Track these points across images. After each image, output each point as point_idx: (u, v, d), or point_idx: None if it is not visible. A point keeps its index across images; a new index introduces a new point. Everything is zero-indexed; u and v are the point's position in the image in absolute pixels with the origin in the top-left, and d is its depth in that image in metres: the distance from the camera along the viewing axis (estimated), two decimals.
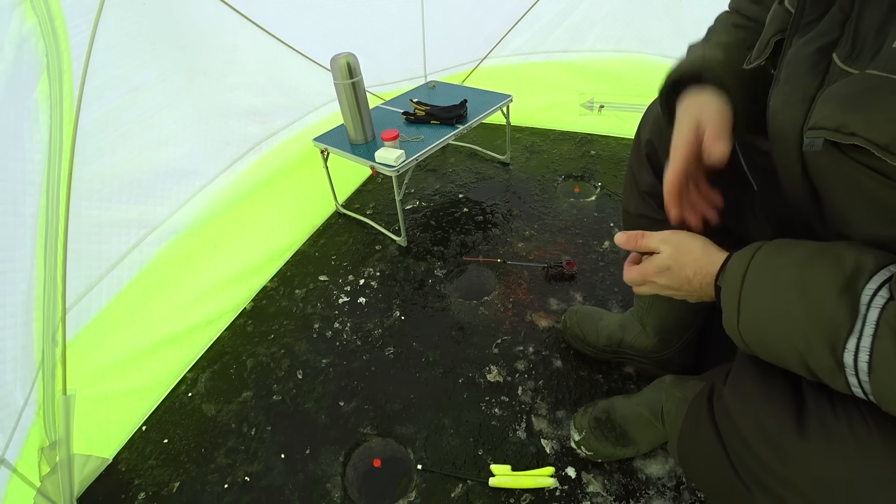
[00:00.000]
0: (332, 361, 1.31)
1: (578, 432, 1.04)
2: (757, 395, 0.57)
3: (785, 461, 0.52)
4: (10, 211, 0.93)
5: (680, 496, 0.96)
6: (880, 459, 0.47)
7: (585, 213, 1.75)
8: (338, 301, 1.50)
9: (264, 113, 1.62)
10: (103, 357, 1.14)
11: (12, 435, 0.92)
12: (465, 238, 1.70)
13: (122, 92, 1.15)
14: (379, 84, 2.11)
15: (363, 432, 1.13)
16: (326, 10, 1.73)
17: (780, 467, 0.52)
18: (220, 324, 1.44)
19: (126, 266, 1.19)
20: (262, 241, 1.60)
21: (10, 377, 0.92)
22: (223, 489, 1.05)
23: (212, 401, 1.24)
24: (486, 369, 1.24)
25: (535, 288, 1.46)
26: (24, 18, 0.94)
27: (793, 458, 0.52)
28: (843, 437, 0.49)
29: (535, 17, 2.08)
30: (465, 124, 1.65)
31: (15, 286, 0.94)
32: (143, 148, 1.22)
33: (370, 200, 1.98)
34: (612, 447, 0.99)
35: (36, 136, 0.97)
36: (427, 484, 1.02)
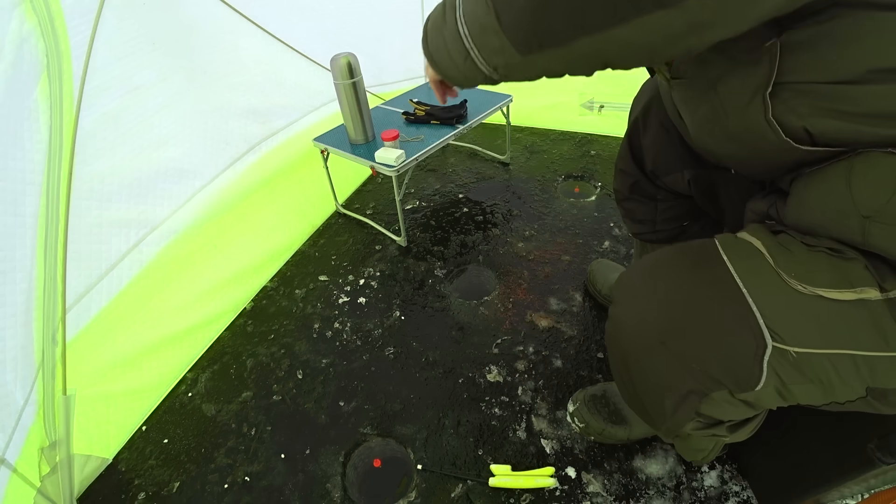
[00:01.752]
0: (332, 361, 1.31)
1: (573, 403, 1.09)
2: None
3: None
4: (10, 211, 0.93)
5: (680, 496, 0.96)
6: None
7: (585, 213, 1.75)
8: (338, 301, 1.50)
9: (264, 113, 1.62)
10: (103, 357, 1.14)
11: (12, 435, 0.92)
12: (465, 238, 1.70)
13: (122, 92, 1.15)
14: (379, 84, 2.11)
15: (363, 432, 1.13)
16: (326, 10, 1.72)
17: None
18: (220, 324, 1.44)
19: (126, 266, 1.19)
20: (262, 241, 1.60)
21: (10, 377, 0.92)
22: (223, 489, 1.05)
23: (212, 401, 1.24)
24: (486, 369, 1.24)
25: (535, 288, 1.46)
26: (24, 18, 0.94)
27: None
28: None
29: None
30: (465, 124, 1.65)
31: (15, 286, 0.93)
32: (143, 148, 1.22)
33: (370, 200, 1.98)
34: (604, 422, 1.02)
35: (36, 136, 0.97)
36: (427, 484, 1.02)
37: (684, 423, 0.64)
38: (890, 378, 0.53)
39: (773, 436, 0.88)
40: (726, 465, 1.00)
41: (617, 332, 0.68)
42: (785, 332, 0.54)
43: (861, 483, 0.70)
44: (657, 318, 0.62)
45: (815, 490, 0.77)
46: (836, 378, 0.54)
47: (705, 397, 0.60)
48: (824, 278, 0.52)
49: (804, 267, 0.54)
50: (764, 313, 0.54)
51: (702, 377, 0.59)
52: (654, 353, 0.62)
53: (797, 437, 0.82)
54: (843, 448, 0.71)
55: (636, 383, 0.68)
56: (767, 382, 0.55)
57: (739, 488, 0.96)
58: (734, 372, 0.57)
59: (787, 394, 0.57)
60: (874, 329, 0.51)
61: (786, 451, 0.85)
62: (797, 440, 0.82)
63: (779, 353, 0.54)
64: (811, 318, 0.53)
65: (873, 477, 0.68)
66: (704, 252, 0.61)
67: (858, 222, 0.50)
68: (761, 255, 0.57)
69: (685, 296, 0.60)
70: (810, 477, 0.78)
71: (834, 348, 0.53)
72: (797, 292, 0.53)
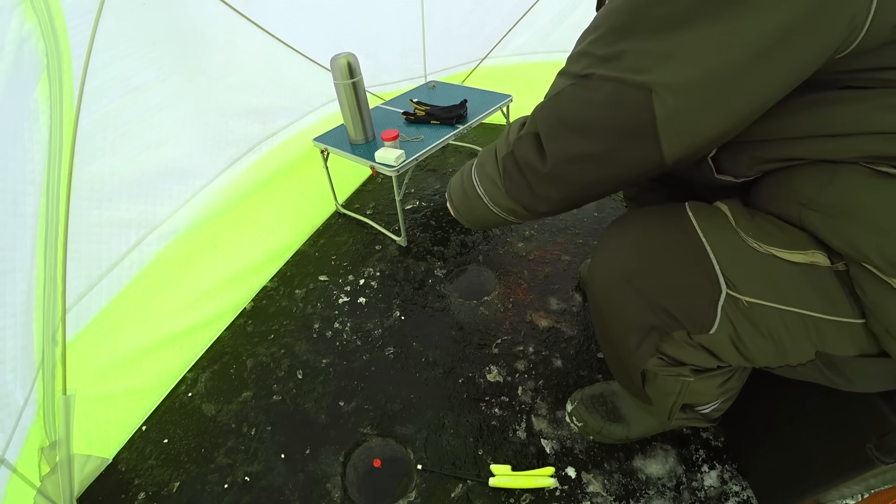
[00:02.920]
0: (332, 361, 1.31)
1: (572, 403, 1.10)
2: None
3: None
4: (10, 211, 0.93)
5: (680, 496, 0.96)
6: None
7: (585, 212, 1.75)
8: (338, 301, 1.50)
9: (264, 113, 1.62)
10: (103, 357, 1.14)
11: (12, 435, 0.92)
12: (465, 238, 1.70)
13: (122, 92, 1.15)
14: (379, 84, 2.11)
15: (363, 432, 1.13)
16: (326, 10, 1.72)
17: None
18: (220, 324, 1.44)
19: (126, 266, 1.19)
20: (262, 241, 1.60)
21: (10, 377, 0.92)
22: (223, 489, 1.05)
23: (212, 401, 1.24)
24: (486, 369, 1.24)
25: (535, 288, 1.46)
26: (24, 18, 0.94)
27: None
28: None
29: (535, 17, 2.08)
30: (465, 124, 1.65)
31: (15, 286, 0.93)
32: (143, 148, 1.21)
33: (370, 200, 1.98)
34: (602, 421, 1.03)
35: (36, 136, 0.97)
36: (427, 484, 1.02)
37: (647, 357, 0.70)
38: (836, 343, 0.58)
39: (773, 436, 0.89)
40: (726, 465, 1.00)
41: (592, 275, 0.76)
42: (738, 282, 0.60)
43: (861, 483, 0.71)
44: (625, 260, 0.69)
45: (815, 490, 0.77)
46: (786, 335, 0.59)
47: (666, 336, 0.66)
48: (779, 240, 0.59)
49: (762, 230, 0.60)
50: (721, 262, 0.61)
51: (662, 314, 0.66)
52: (620, 289, 0.69)
53: (797, 437, 0.82)
54: (843, 448, 0.71)
55: (606, 322, 0.75)
56: (721, 328, 0.61)
57: (739, 488, 0.96)
58: (691, 313, 0.63)
59: (742, 346, 0.62)
60: (822, 293, 0.57)
61: (786, 451, 0.85)
62: (797, 440, 0.82)
63: (732, 301, 0.60)
64: (764, 274, 0.59)
65: (873, 477, 0.68)
66: (673, 211, 0.69)
67: (797, 209, 0.58)
68: (725, 216, 0.64)
69: (651, 243, 0.68)
70: (810, 477, 0.78)
71: (783, 304, 0.58)
72: (753, 250, 0.60)
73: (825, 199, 0.55)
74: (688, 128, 0.51)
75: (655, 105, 0.49)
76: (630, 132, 0.53)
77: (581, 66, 0.56)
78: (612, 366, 0.87)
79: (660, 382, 0.74)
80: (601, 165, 0.57)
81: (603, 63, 0.53)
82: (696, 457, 1.02)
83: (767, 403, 0.90)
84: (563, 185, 0.62)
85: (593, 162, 0.57)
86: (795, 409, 0.83)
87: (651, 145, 0.52)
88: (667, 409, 0.79)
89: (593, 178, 0.59)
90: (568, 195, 0.64)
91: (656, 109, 0.50)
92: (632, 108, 0.51)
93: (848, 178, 0.53)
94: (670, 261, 0.65)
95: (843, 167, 0.53)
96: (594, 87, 0.54)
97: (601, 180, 0.59)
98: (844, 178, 0.53)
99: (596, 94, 0.54)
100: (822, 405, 0.76)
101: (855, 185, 0.52)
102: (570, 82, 0.57)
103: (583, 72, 0.55)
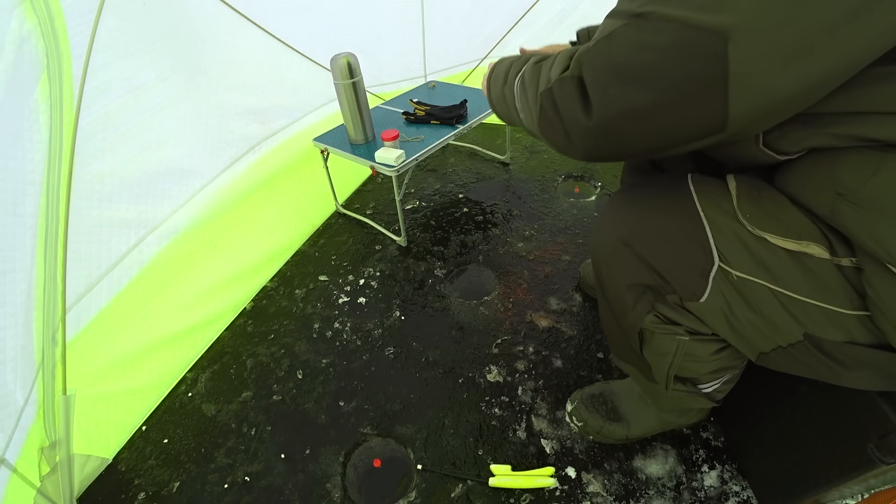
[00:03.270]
0: (332, 361, 1.31)
1: (571, 402, 1.11)
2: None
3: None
4: (10, 211, 0.93)
5: (680, 496, 0.96)
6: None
7: (585, 213, 1.75)
8: (338, 301, 1.50)
9: (264, 113, 1.62)
10: (103, 357, 1.14)
11: (12, 435, 0.92)
12: (465, 238, 1.70)
13: (121, 92, 1.15)
14: (379, 84, 2.11)
15: (363, 432, 1.13)
16: (326, 10, 1.72)
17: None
18: (220, 324, 1.44)
19: (126, 266, 1.19)
20: (262, 241, 1.60)
21: (10, 377, 0.92)
22: (223, 489, 1.05)
23: (212, 401, 1.24)
24: (486, 369, 1.24)
25: (535, 288, 1.46)
26: (24, 18, 0.94)
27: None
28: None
29: (535, 17, 2.08)
30: (465, 124, 1.65)
31: (15, 286, 0.93)
32: (143, 148, 1.22)
33: (370, 200, 1.98)
34: (602, 420, 1.03)
35: (36, 136, 0.97)
36: (427, 484, 1.02)
37: (643, 314, 0.71)
38: (824, 328, 0.58)
39: (773, 436, 0.89)
40: (726, 465, 1.00)
41: (593, 240, 0.78)
42: (731, 257, 0.61)
43: (861, 483, 0.70)
44: (625, 225, 0.71)
45: (815, 490, 0.77)
46: (775, 312, 0.60)
47: (660, 297, 0.69)
48: (773, 225, 0.59)
49: (761, 213, 0.60)
50: (715, 237, 0.62)
51: (657, 277, 0.68)
52: (618, 250, 0.71)
53: (797, 437, 0.82)
54: (843, 448, 0.71)
55: (605, 283, 0.77)
56: (712, 298, 0.63)
57: (739, 488, 0.96)
58: (683, 280, 0.65)
59: (733, 319, 0.64)
60: (812, 280, 0.57)
61: (786, 451, 0.85)
62: (797, 440, 0.82)
63: (723, 273, 0.62)
64: (755, 254, 0.60)
65: (873, 477, 0.68)
66: (675, 184, 0.69)
67: (830, 197, 0.54)
68: (728, 194, 0.64)
69: (651, 210, 0.70)
70: (810, 477, 0.78)
71: (773, 284, 0.59)
72: (747, 230, 0.60)
73: (865, 191, 0.51)
74: (762, 84, 0.43)
75: (731, 53, 0.42)
76: (696, 83, 0.45)
77: (637, 3, 0.47)
78: (612, 336, 0.88)
79: (656, 342, 0.75)
80: (653, 122, 0.50)
81: (664, 0, 0.45)
82: (696, 457, 1.02)
83: (768, 403, 0.90)
84: (606, 141, 0.54)
85: (645, 117, 0.49)
86: (796, 409, 0.83)
87: (717, 103, 0.45)
88: (664, 372, 0.79)
89: (641, 135, 0.52)
90: (608, 151, 0.56)
91: (731, 58, 0.42)
92: (700, 56, 0.43)
93: (894, 172, 0.49)
94: (668, 228, 0.67)
95: (890, 158, 0.49)
96: (654, 30, 0.46)
97: (649, 138, 0.52)
98: (890, 171, 0.49)
99: (656, 38, 0.46)
100: (823, 405, 0.76)
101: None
102: (624, 22, 0.49)
103: (640, 9, 0.47)
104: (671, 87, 0.46)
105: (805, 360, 0.63)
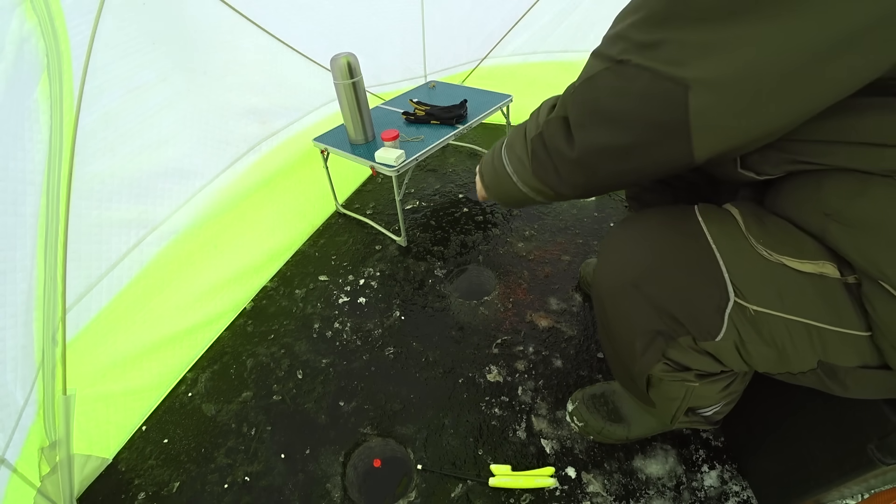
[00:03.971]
0: (332, 361, 1.31)
1: (572, 403, 1.10)
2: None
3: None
4: (10, 211, 0.93)
5: (680, 496, 0.96)
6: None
7: (585, 213, 1.75)
8: (338, 301, 1.50)
9: (264, 113, 1.62)
10: (103, 357, 1.14)
11: (12, 435, 0.92)
12: (465, 238, 1.70)
13: (122, 92, 1.15)
14: (379, 84, 2.11)
15: (363, 432, 1.13)
16: (326, 10, 1.72)
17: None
18: (220, 324, 1.44)
19: (126, 266, 1.19)
20: (262, 241, 1.60)
21: (10, 377, 0.92)
22: (223, 489, 1.05)
23: (212, 401, 1.24)
24: (486, 369, 1.24)
25: (535, 288, 1.46)
26: (24, 18, 0.94)
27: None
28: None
29: (535, 17, 2.08)
30: (465, 124, 1.65)
31: (15, 286, 0.93)
32: (143, 148, 1.22)
33: (370, 200, 1.98)
34: (603, 421, 1.03)
35: (36, 136, 0.97)
36: (427, 484, 1.02)
37: (653, 362, 0.70)
38: (839, 354, 0.58)
39: (773, 436, 0.89)
40: (726, 465, 1.00)
41: (598, 278, 0.75)
42: (747, 290, 0.59)
43: (861, 483, 0.70)
44: (633, 265, 0.69)
45: (815, 490, 0.77)
46: (790, 345, 0.59)
47: (672, 341, 0.66)
48: (790, 248, 0.58)
49: (773, 237, 0.59)
50: (730, 270, 0.60)
51: (668, 320, 0.65)
52: (627, 294, 0.68)
53: (797, 437, 0.82)
54: (843, 448, 0.71)
55: (611, 326, 0.74)
56: (727, 335, 0.61)
57: (739, 488, 0.96)
58: (698, 319, 0.63)
59: (745, 353, 0.62)
60: (829, 303, 0.56)
61: (786, 452, 0.85)
62: (797, 441, 0.82)
63: (739, 308, 0.60)
64: (772, 283, 0.58)
65: (873, 477, 0.68)
66: (683, 214, 0.68)
67: (819, 218, 0.56)
68: (735, 221, 0.63)
69: (660, 248, 0.67)
70: (810, 477, 0.78)
71: (790, 314, 0.58)
72: (762, 257, 0.59)
73: (853, 212, 0.52)
74: (722, 128, 0.48)
75: (691, 101, 0.46)
76: (662, 127, 0.50)
77: (617, 49, 0.52)
78: (616, 369, 0.86)
79: (665, 388, 0.74)
80: (630, 158, 0.55)
81: (640, 51, 0.50)
82: (696, 457, 1.02)
83: (768, 404, 0.90)
84: (590, 173, 0.60)
85: (622, 154, 0.55)
86: (796, 410, 0.83)
87: (683, 143, 0.50)
88: (671, 413, 0.79)
89: (620, 170, 0.57)
90: (593, 183, 0.62)
91: (691, 106, 0.46)
92: (666, 103, 0.48)
93: (879, 192, 0.50)
94: (679, 266, 0.64)
95: (875, 179, 0.51)
96: (629, 77, 0.51)
97: (628, 171, 0.57)
98: (875, 192, 0.50)
99: (631, 85, 0.51)
100: (823, 406, 0.76)
101: (886, 199, 0.50)
102: (605, 66, 0.54)
103: (619, 56, 0.52)
104: (642, 130, 0.52)
105: (813, 382, 0.63)
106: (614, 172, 0.58)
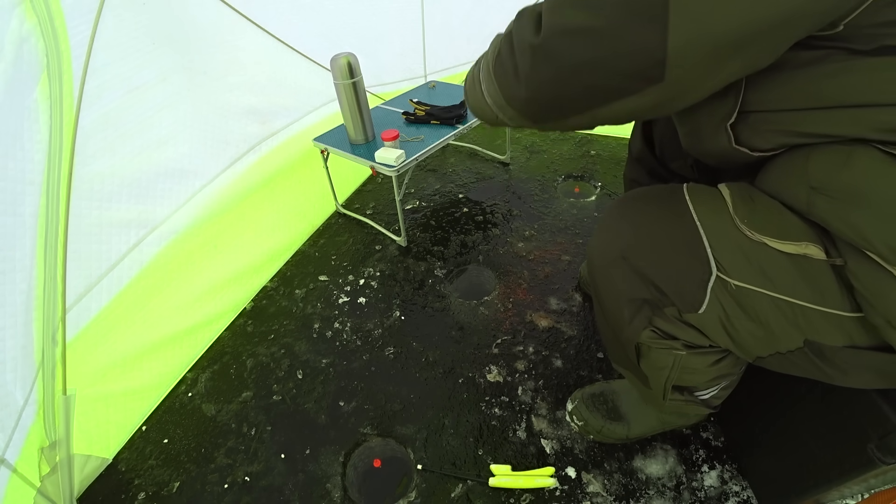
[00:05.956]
0: (332, 361, 1.31)
1: (572, 402, 1.11)
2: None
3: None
4: (10, 211, 0.93)
5: (680, 496, 0.96)
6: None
7: (585, 213, 1.75)
8: (338, 301, 1.50)
9: (264, 113, 1.62)
10: (103, 357, 1.14)
11: (12, 435, 0.92)
12: (465, 238, 1.70)
13: (122, 92, 1.15)
14: (379, 84, 2.11)
15: (363, 432, 1.13)
16: (326, 10, 1.72)
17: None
18: (220, 324, 1.44)
19: (126, 266, 1.19)
20: (262, 241, 1.60)
21: (10, 377, 0.92)
22: (223, 489, 1.05)
23: (212, 401, 1.24)
24: (486, 369, 1.24)
25: (535, 288, 1.46)
26: (24, 18, 0.94)
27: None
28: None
29: None
30: (465, 124, 1.65)
31: (15, 286, 0.93)
32: (143, 148, 1.22)
33: (370, 200, 1.98)
34: (602, 419, 1.03)
35: (36, 136, 0.97)
36: (427, 484, 1.02)
37: (640, 329, 0.71)
38: (825, 333, 0.58)
39: (773, 436, 0.89)
40: (726, 465, 1.00)
41: (590, 253, 0.78)
42: (729, 266, 0.61)
43: (861, 483, 0.71)
44: (621, 238, 0.71)
45: (815, 490, 0.77)
46: (773, 320, 0.60)
47: (658, 311, 0.68)
48: (772, 230, 0.59)
49: (758, 217, 0.60)
50: (713, 245, 0.62)
51: (654, 290, 0.67)
52: (616, 265, 0.71)
53: (797, 437, 0.82)
54: (843, 448, 0.71)
55: (602, 297, 0.77)
56: (710, 308, 0.63)
57: (739, 488, 0.96)
58: (682, 291, 0.65)
59: (731, 329, 0.64)
60: (810, 283, 0.57)
61: (786, 451, 0.85)
62: (797, 440, 0.82)
63: (721, 283, 0.61)
64: (754, 261, 0.60)
65: (873, 477, 0.68)
66: (671, 193, 0.70)
67: (806, 192, 0.56)
68: (723, 201, 0.64)
69: (648, 222, 0.70)
70: (810, 477, 0.78)
71: (772, 291, 0.59)
72: (745, 236, 0.60)
73: (838, 184, 0.53)
74: (701, 17, 0.45)
75: None
76: (638, 9, 0.47)
77: None
78: (609, 346, 0.88)
79: (653, 356, 0.75)
80: (596, 44, 0.51)
81: None
82: (696, 457, 1.02)
83: (767, 403, 0.90)
84: (549, 63, 0.55)
85: (589, 37, 0.51)
86: (796, 409, 0.83)
87: (656, 29, 0.47)
88: (661, 385, 0.80)
89: (583, 59, 0.52)
90: (550, 78, 0.56)
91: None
92: None
93: (862, 163, 0.51)
94: (665, 241, 0.67)
95: (858, 150, 0.52)
96: None
97: (590, 66, 0.52)
98: (859, 162, 0.51)
99: None
100: (823, 405, 0.76)
101: (868, 169, 0.51)
102: None
103: None
104: (616, 9, 0.49)
105: (803, 365, 0.63)
106: (575, 63, 0.53)
